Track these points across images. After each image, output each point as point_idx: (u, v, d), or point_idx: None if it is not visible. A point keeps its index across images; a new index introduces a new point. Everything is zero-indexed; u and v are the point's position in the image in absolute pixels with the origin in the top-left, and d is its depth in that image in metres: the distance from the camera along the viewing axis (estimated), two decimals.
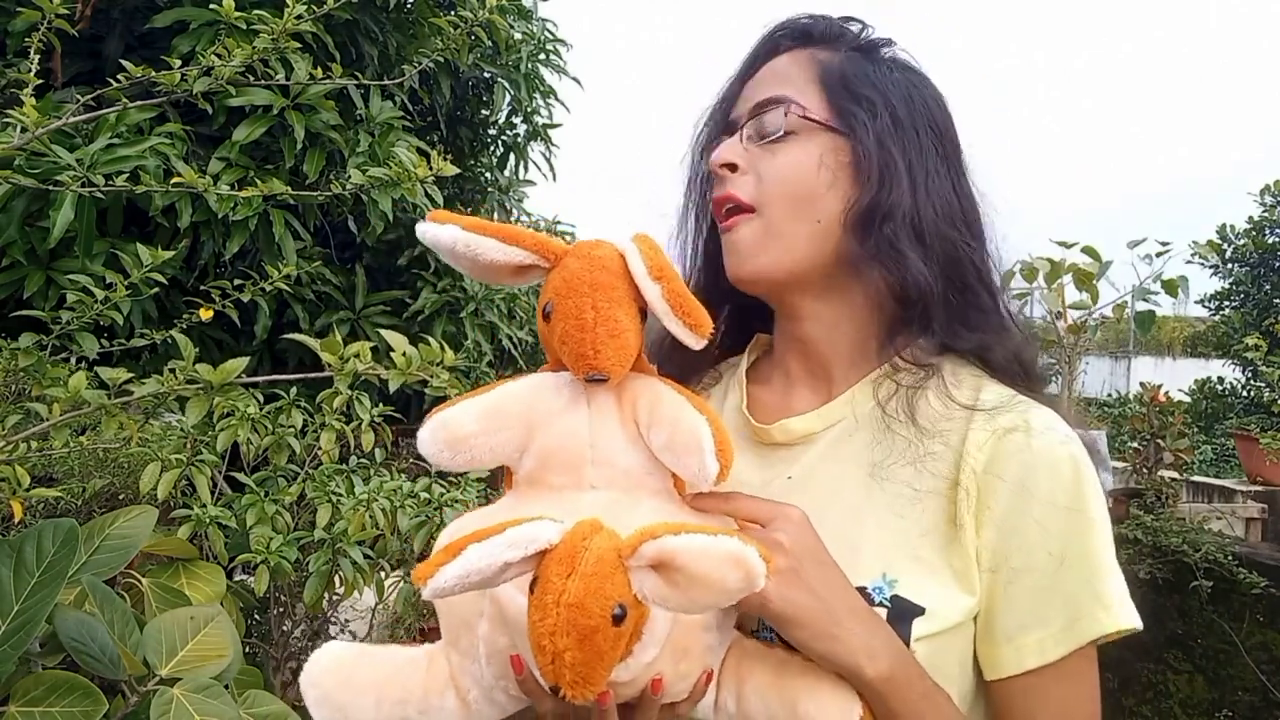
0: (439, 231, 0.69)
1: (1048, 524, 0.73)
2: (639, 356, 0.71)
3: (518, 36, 3.41)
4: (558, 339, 0.68)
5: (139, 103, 1.49)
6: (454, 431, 0.70)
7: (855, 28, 0.86)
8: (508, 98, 3.52)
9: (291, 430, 1.55)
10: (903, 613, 0.72)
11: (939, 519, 0.75)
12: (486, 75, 3.46)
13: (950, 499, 0.75)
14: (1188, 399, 6.43)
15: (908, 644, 0.71)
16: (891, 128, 0.81)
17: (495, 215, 4.04)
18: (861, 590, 0.72)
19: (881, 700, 0.67)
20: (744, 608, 0.67)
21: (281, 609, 1.95)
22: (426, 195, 2.47)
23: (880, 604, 0.72)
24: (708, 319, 0.67)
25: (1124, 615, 0.73)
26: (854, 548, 0.74)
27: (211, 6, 1.58)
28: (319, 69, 1.65)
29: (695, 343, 0.68)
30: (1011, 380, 0.81)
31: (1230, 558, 2.88)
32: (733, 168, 0.81)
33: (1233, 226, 6.83)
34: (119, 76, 1.31)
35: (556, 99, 3.80)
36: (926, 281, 0.78)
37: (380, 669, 0.72)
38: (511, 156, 3.76)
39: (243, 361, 1.27)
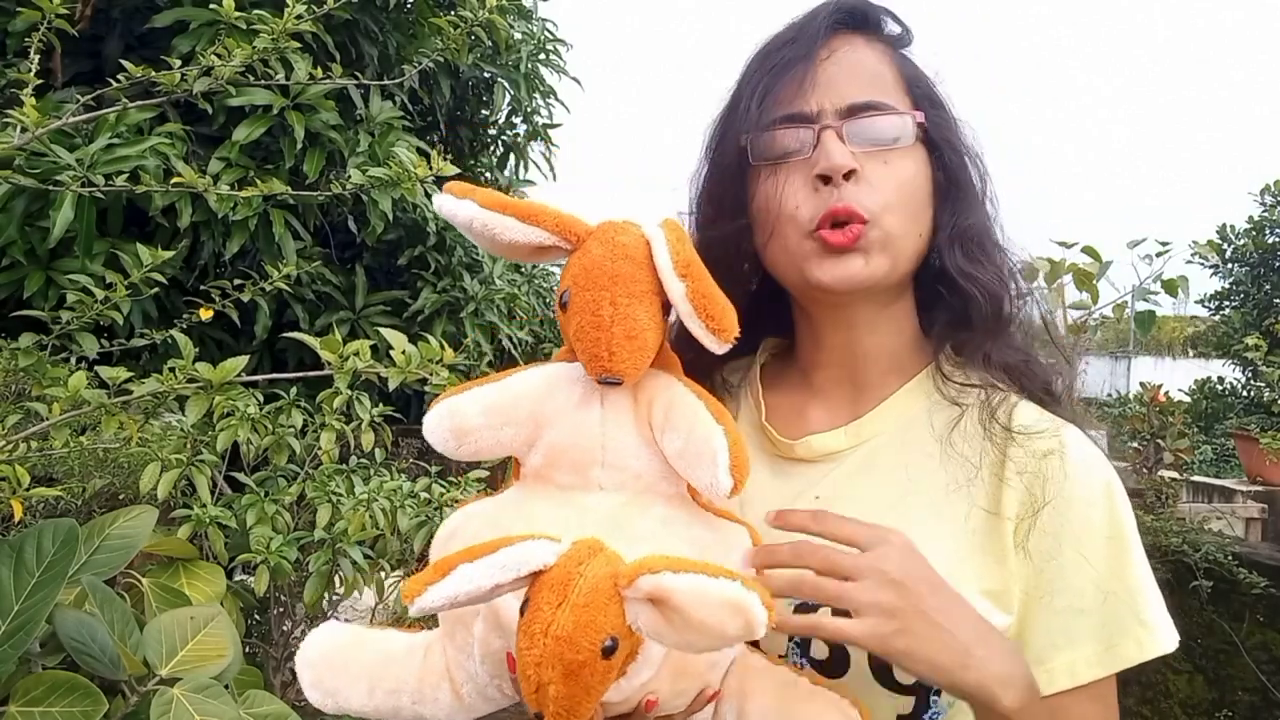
0: (456, 207, 0.65)
1: (1085, 550, 0.73)
2: (663, 347, 0.68)
3: (518, 36, 3.41)
4: (573, 333, 0.65)
5: (139, 103, 1.49)
6: (459, 423, 0.67)
7: (893, 21, 0.84)
8: (508, 98, 3.52)
9: (291, 430, 1.55)
10: None
11: (975, 541, 0.74)
12: (486, 75, 3.46)
13: (986, 522, 0.74)
14: (1188, 399, 6.42)
15: None
16: (965, 142, 0.81)
17: None
18: None
19: None
20: (860, 646, 0.64)
21: (281, 609, 1.95)
22: (426, 195, 2.47)
23: None
24: (733, 322, 0.64)
25: (1164, 638, 0.73)
26: None
27: (211, 6, 1.58)
28: (319, 69, 1.65)
29: (717, 347, 0.64)
30: (1041, 400, 0.80)
31: (1230, 558, 2.88)
32: (850, 175, 0.74)
33: (1233, 226, 6.81)
34: (119, 76, 1.31)
35: (556, 99, 3.80)
36: (999, 296, 0.78)
37: (375, 656, 0.70)
38: (511, 156, 3.75)
39: (243, 360, 1.27)
